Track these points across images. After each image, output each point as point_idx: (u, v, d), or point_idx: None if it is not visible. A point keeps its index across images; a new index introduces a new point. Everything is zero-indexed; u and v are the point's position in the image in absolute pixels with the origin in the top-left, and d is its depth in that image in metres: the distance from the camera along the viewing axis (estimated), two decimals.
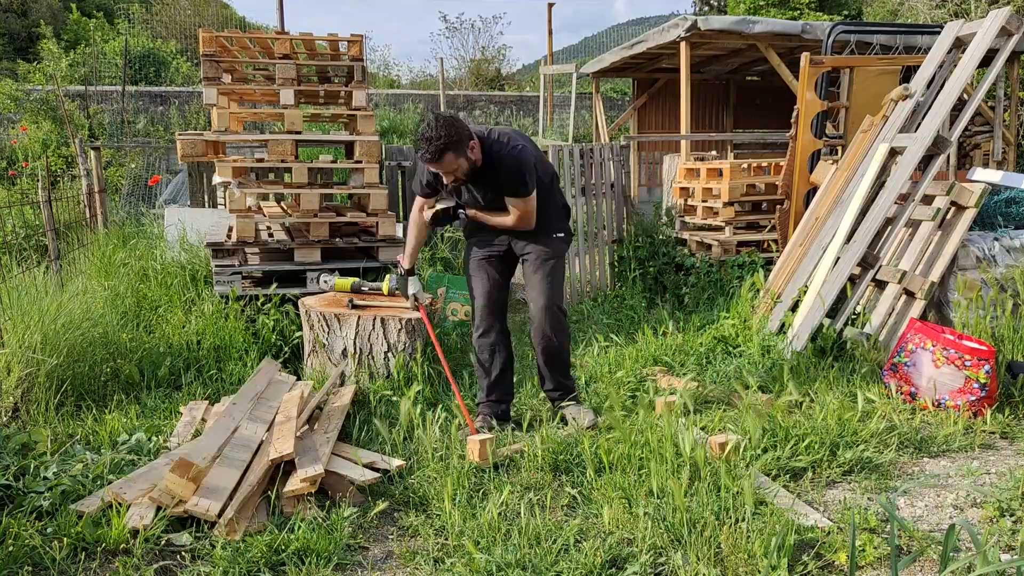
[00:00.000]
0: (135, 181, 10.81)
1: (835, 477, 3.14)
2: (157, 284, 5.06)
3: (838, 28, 6.53)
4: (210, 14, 22.39)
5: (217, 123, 5.00)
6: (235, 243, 4.78)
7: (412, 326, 4.11)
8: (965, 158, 9.38)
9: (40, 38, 16.29)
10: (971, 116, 5.07)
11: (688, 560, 2.46)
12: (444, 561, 2.57)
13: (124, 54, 15.79)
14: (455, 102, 17.30)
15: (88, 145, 7.38)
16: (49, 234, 5.53)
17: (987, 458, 3.35)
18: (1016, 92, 9.31)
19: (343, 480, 3.02)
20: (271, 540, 2.59)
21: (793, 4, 16.91)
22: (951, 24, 5.31)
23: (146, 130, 14.24)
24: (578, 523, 2.73)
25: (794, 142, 5.85)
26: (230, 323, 4.52)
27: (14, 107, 12.83)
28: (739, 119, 12.96)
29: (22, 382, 3.65)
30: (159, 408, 3.90)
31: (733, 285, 5.74)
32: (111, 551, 2.60)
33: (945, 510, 2.88)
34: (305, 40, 5.27)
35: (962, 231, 4.55)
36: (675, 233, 6.87)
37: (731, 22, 8.34)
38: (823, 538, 2.58)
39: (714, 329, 4.92)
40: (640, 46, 9.74)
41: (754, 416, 3.34)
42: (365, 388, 3.99)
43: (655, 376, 4.29)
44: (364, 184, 5.09)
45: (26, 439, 3.18)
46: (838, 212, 5.08)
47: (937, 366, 3.82)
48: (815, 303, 4.61)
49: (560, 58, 21.38)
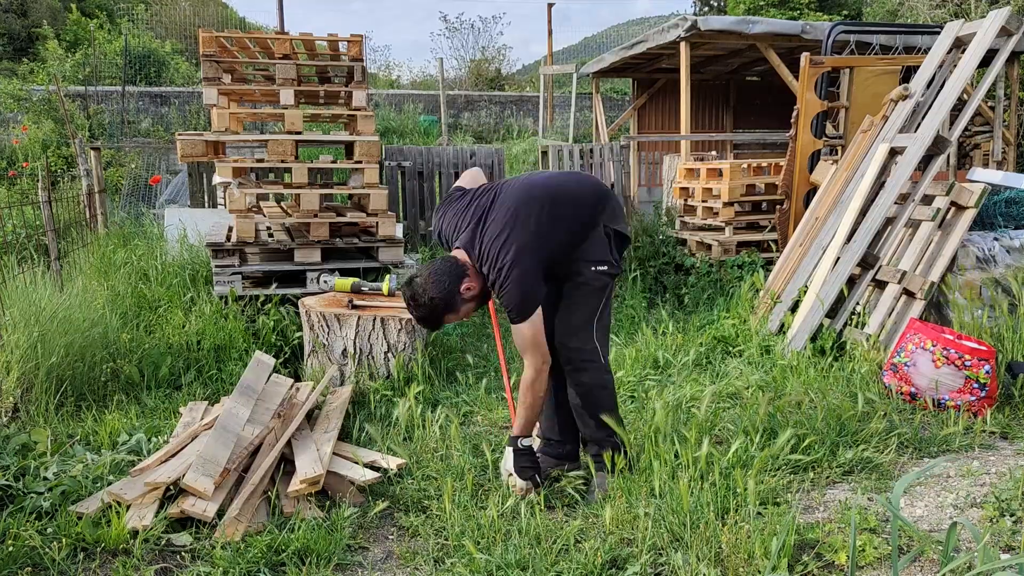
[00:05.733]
0: (135, 181, 10.82)
1: (835, 477, 3.14)
2: (157, 284, 5.06)
3: (838, 28, 6.53)
4: (210, 14, 22.40)
5: (217, 123, 5.00)
6: (235, 243, 4.78)
7: (412, 326, 4.11)
8: (965, 158, 9.39)
9: (40, 38, 16.29)
10: (971, 116, 5.06)
11: (688, 560, 2.46)
12: (444, 561, 2.57)
13: (124, 54, 15.79)
14: (455, 102, 17.30)
15: (88, 145, 7.39)
16: (49, 234, 5.53)
17: (987, 458, 3.35)
18: (1016, 92, 9.32)
19: (343, 480, 3.02)
20: (271, 540, 2.59)
21: (793, 4, 16.92)
22: (951, 24, 5.31)
23: (146, 130, 14.25)
24: (578, 523, 2.73)
25: (794, 142, 5.85)
26: (230, 323, 4.52)
27: (16, 107, 12.84)
28: (739, 119, 12.98)
29: (22, 382, 3.66)
30: (159, 408, 3.90)
31: (733, 285, 5.74)
32: (111, 551, 2.60)
33: (945, 510, 2.88)
34: (305, 40, 5.27)
35: (962, 231, 4.55)
36: (675, 233, 6.88)
37: (731, 22, 8.35)
38: (823, 538, 2.58)
39: (714, 329, 4.92)
40: (640, 46, 9.75)
41: (754, 416, 3.35)
42: (365, 388, 3.99)
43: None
44: (364, 184, 5.09)
45: (26, 439, 3.18)
46: (838, 212, 5.08)
47: (937, 366, 3.82)
48: (815, 303, 4.61)
49: (560, 58, 21.38)
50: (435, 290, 2.79)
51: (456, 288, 2.81)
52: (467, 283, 2.84)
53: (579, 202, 2.96)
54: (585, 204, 2.96)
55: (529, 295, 2.80)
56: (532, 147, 14.09)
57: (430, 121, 16.17)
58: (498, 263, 2.79)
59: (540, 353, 2.84)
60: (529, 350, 2.83)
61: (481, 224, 2.88)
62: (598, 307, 3.00)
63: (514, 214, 2.84)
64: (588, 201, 2.98)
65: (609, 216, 3.00)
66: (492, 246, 2.81)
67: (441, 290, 2.79)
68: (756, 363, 4.42)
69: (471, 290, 2.86)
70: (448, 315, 2.86)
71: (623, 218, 3.07)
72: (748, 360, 4.47)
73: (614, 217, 3.01)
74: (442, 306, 2.81)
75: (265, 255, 5.19)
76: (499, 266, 2.79)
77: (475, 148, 7.45)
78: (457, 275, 2.82)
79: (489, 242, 2.82)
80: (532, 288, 2.80)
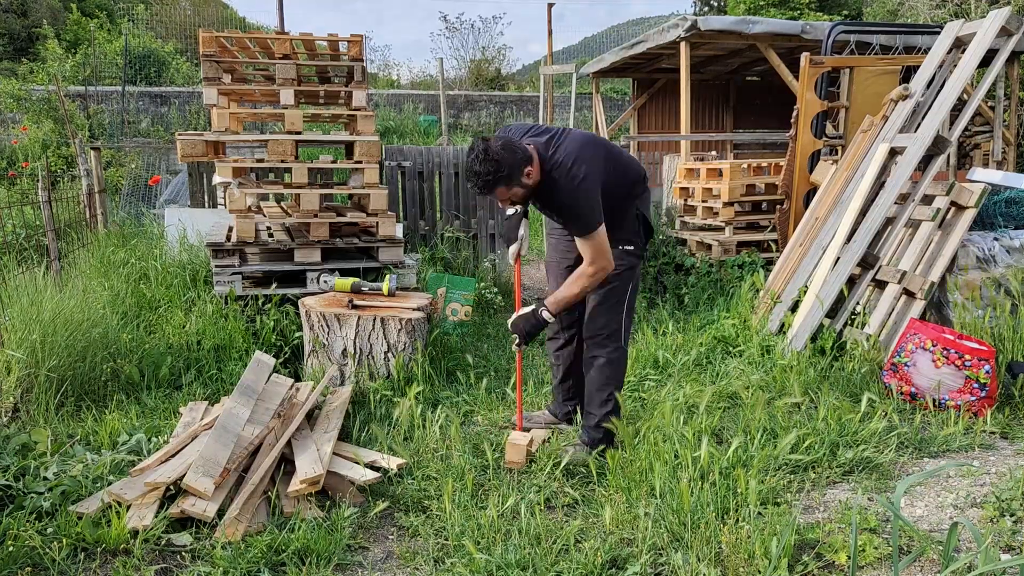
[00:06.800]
0: (135, 181, 10.82)
1: (835, 477, 3.14)
2: (157, 284, 5.06)
3: (838, 28, 6.53)
4: (210, 14, 22.42)
5: (217, 123, 4.99)
6: (235, 243, 4.78)
7: (412, 326, 4.11)
8: (965, 158, 9.39)
9: (40, 38, 16.30)
10: (971, 116, 5.07)
11: (688, 560, 2.46)
12: (444, 561, 2.57)
13: (124, 54, 15.80)
14: (455, 102, 17.31)
15: (88, 145, 7.39)
16: (49, 234, 5.53)
17: (987, 458, 3.35)
18: (1016, 92, 9.32)
19: (343, 480, 3.02)
20: (271, 540, 2.59)
21: (793, 4, 16.93)
22: (951, 24, 5.31)
23: (146, 130, 14.25)
24: (578, 523, 2.73)
25: (794, 142, 5.85)
26: (230, 323, 4.52)
27: (16, 106, 12.84)
28: (739, 119, 12.97)
29: (22, 382, 3.65)
30: (159, 408, 3.90)
31: (733, 285, 5.74)
32: (111, 551, 2.60)
33: (945, 510, 2.88)
34: (305, 40, 5.27)
35: (962, 231, 4.55)
36: (675, 233, 6.88)
37: (731, 22, 8.34)
38: (823, 538, 2.58)
39: (714, 329, 4.92)
40: (640, 46, 9.74)
41: (754, 416, 3.35)
42: (365, 388, 3.99)
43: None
44: (364, 184, 5.09)
45: (26, 439, 3.18)
46: (838, 212, 5.08)
47: (937, 366, 3.82)
48: (815, 303, 4.61)
49: (560, 58, 21.39)
50: (507, 154, 2.93)
51: (523, 164, 2.97)
52: (530, 169, 3.00)
53: (628, 173, 3.22)
54: (630, 178, 3.23)
55: (596, 208, 3.00)
56: None
57: (430, 121, 16.17)
58: (571, 173, 2.98)
59: (605, 259, 3.05)
60: (597, 257, 3.03)
61: (556, 138, 3.09)
62: (626, 289, 3.24)
63: (587, 146, 3.07)
64: (633, 177, 3.25)
65: (644, 202, 3.26)
66: (567, 158, 3.00)
67: (512, 157, 2.94)
68: (756, 363, 4.42)
69: (530, 176, 3.01)
70: (503, 185, 2.97)
71: (649, 208, 3.33)
72: (748, 360, 4.47)
73: (645, 204, 3.27)
74: (506, 171, 2.93)
75: (265, 255, 5.19)
76: (571, 175, 2.98)
77: None
78: (527, 156, 3.00)
79: (564, 153, 3.01)
80: (596, 204, 3.00)
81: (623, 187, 3.19)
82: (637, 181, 3.26)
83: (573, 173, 2.98)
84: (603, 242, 3.03)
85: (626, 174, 3.23)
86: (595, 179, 3.02)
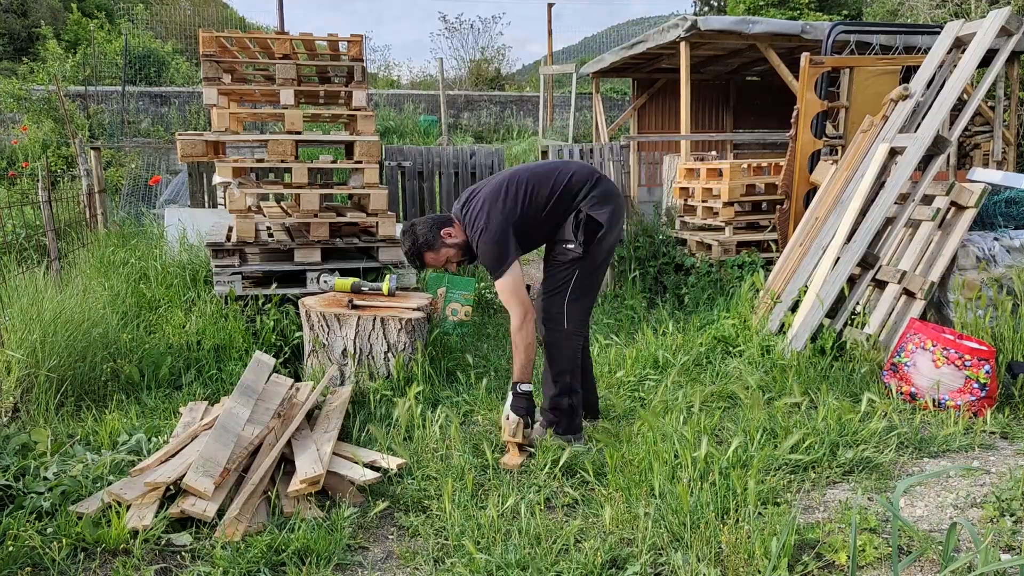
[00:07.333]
0: (135, 181, 10.82)
1: (835, 477, 3.14)
2: (157, 284, 5.06)
3: (838, 28, 6.53)
4: (210, 14, 22.42)
5: (217, 123, 5.00)
6: (235, 243, 4.78)
7: (412, 326, 4.11)
8: (965, 158, 9.39)
9: (40, 38, 16.30)
10: (971, 116, 5.07)
11: (688, 560, 2.46)
12: (444, 561, 2.57)
13: (124, 54, 15.80)
14: (455, 102, 17.31)
15: (88, 145, 7.39)
16: (49, 234, 5.53)
17: (987, 458, 3.35)
18: (1016, 92, 9.32)
19: (343, 480, 3.02)
20: (271, 540, 2.59)
21: (793, 4, 16.92)
22: (951, 24, 5.31)
23: (146, 130, 14.26)
24: (578, 523, 2.73)
25: (794, 142, 5.85)
26: (230, 323, 4.52)
27: (16, 106, 12.84)
28: (739, 119, 12.97)
29: (22, 382, 3.65)
30: (159, 408, 3.90)
31: (733, 285, 5.74)
32: (111, 551, 2.60)
33: (945, 510, 2.88)
34: (305, 40, 5.27)
35: (962, 231, 4.55)
36: (675, 233, 6.88)
37: (731, 22, 8.34)
38: (823, 538, 2.58)
39: (714, 329, 4.92)
40: (640, 46, 9.74)
41: (754, 416, 3.35)
42: (365, 388, 3.99)
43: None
44: (364, 184, 5.09)
45: (26, 439, 3.18)
46: (838, 212, 5.08)
47: (937, 366, 3.82)
48: (815, 303, 4.61)
49: (560, 58, 21.39)
50: (421, 226, 3.35)
51: (439, 227, 3.34)
52: (449, 230, 3.35)
53: (562, 191, 3.34)
54: (570, 192, 3.34)
55: (501, 253, 3.22)
56: (532, 147, 14.11)
57: (430, 121, 16.17)
58: (475, 225, 3.28)
59: (519, 303, 3.23)
60: (509, 301, 3.24)
61: (472, 196, 3.41)
62: (569, 280, 3.39)
63: (496, 189, 3.32)
64: (573, 190, 3.35)
65: (591, 201, 3.33)
66: (472, 211, 3.33)
67: (426, 227, 3.34)
68: (756, 363, 4.42)
69: (452, 236, 3.35)
70: (427, 251, 3.35)
71: (605, 206, 3.33)
72: (748, 360, 4.47)
73: (595, 203, 3.33)
74: (422, 239, 3.33)
75: (265, 255, 5.19)
76: (476, 229, 3.28)
77: (475, 148, 7.45)
78: (442, 222, 3.37)
79: (473, 208, 3.33)
80: (504, 247, 3.22)
81: (561, 204, 3.33)
82: (577, 191, 3.34)
83: (477, 226, 3.27)
84: (512, 284, 3.22)
85: (559, 192, 3.33)
86: (501, 223, 3.23)
